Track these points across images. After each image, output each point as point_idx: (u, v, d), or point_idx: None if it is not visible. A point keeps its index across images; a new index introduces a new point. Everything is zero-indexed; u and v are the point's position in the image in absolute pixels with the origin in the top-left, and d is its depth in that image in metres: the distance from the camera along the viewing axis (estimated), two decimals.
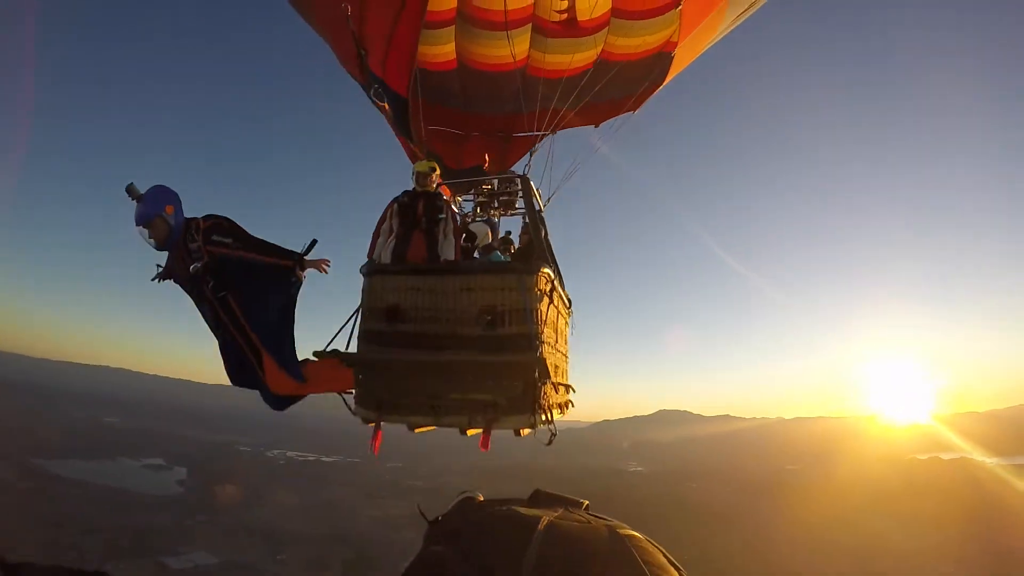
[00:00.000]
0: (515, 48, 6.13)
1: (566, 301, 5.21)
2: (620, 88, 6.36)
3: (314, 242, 4.43)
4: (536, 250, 5.03)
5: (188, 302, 4.39)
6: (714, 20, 6.08)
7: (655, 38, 6.03)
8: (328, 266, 4.49)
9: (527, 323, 3.72)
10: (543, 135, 6.55)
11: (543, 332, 3.78)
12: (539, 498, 1.14)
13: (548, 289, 3.90)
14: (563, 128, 6.56)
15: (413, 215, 4.83)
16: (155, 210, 4.08)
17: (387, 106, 5.40)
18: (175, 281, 4.37)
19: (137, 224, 4.09)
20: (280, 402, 4.58)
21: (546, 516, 0.97)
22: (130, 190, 4.05)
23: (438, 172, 5.06)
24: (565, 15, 6.40)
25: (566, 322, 5.19)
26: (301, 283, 4.47)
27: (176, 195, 4.18)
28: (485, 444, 3.90)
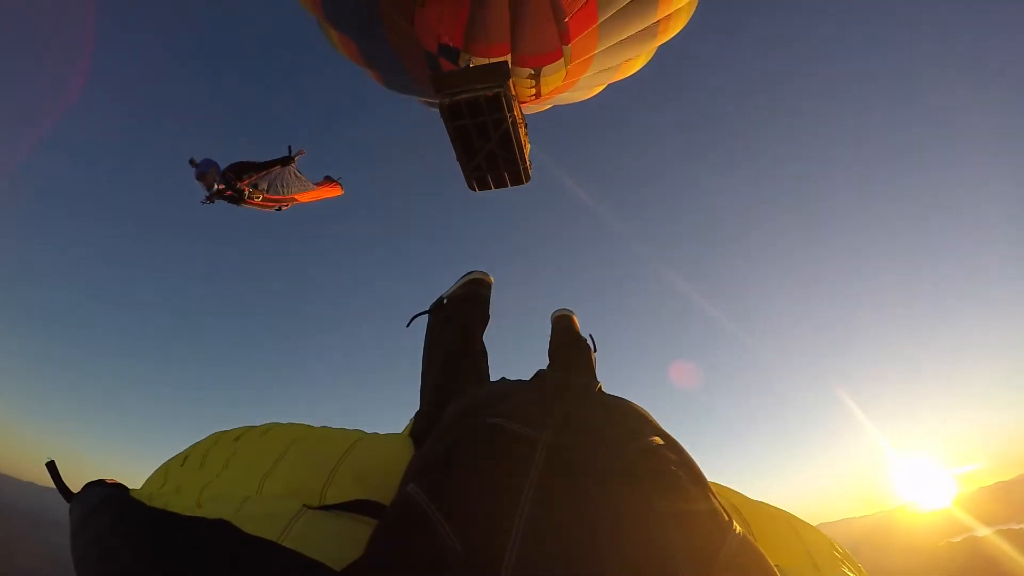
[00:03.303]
0: None
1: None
2: None
3: (290, 147, 7.61)
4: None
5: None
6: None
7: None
8: (303, 152, 7.73)
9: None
10: None
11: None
12: (544, 383, 1.04)
13: (510, 80, 6.46)
14: None
15: None
16: (205, 170, 6.79)
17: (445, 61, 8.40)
18: (223, 199, 7.08)
19: (196, 179, 6.78)
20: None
21: (545, 438, 0.81)
22: (191, 161, 6.78)
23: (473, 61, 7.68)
24: (533, 91, 9.65)
25: (523, 118, 7.61)
26: (296, 164, 7.70)
27: (216, 162, 6.91)
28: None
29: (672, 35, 7.82)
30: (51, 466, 1.20)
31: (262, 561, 0.85)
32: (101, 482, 1.16)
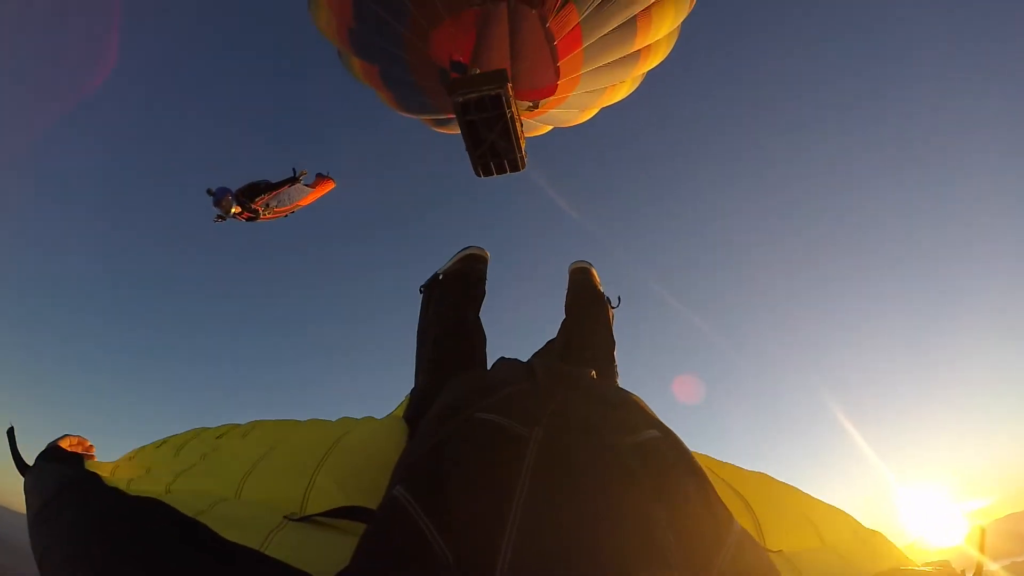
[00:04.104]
0: None
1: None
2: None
3: (294, 169, 8.52)
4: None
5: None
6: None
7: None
8: (306, 173, 8.63)
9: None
10: None
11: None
12: (537, 374, 0.98)
13: (509, 86, 7.02)
14: None
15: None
16: (221, 196, 7.62)
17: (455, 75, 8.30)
18: (236, 218, 8.00)
19: (214, 205, 7.57)
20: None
21: (537, 435, 0.77)
22: (208, 191, 7.58)
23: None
24: (529, 105, 10.38)
25: (520, 116, 8.01)
26: (301, 183, 8.73)
27: (230, 189, 7.72)
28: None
29: (656, 63, 8.64)
30: (10, 433, 1.17)
31: (246, 569, 0.83)
32: (58, 450, 1.14)
